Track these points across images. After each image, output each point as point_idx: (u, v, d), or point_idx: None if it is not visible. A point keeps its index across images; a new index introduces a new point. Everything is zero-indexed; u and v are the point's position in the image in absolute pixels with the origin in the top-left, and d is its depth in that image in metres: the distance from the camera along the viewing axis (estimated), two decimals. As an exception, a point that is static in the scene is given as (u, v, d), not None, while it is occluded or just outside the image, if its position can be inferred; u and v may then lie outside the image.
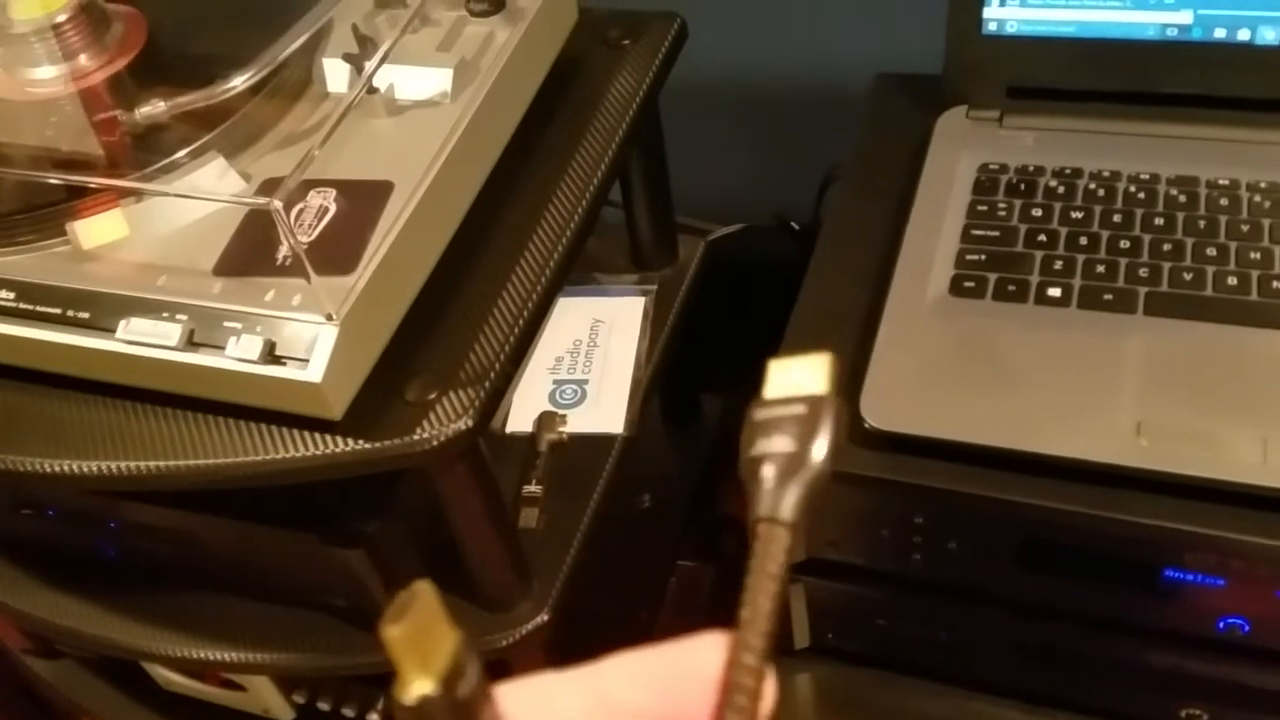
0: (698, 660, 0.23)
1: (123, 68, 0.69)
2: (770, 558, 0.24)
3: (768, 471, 0.24)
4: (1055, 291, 0.65)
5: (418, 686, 0.19)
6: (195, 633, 0.76)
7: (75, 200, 0.63)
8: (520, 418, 0.87)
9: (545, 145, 0.73)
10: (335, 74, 0.69)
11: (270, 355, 0.58)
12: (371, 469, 0.61)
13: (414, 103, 0.68)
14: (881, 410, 0.61)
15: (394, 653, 0.19)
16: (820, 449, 0.24)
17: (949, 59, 0.74)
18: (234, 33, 0.71)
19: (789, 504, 0.24)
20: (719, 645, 0.23)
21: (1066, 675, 0.70)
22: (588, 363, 0.89)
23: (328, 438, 0.60)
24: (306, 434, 0.60)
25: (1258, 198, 0.67)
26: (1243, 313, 0.63)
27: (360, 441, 0.60)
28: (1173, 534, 0.58)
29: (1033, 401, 0.61)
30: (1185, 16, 0.70)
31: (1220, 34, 0.70)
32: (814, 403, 0.25)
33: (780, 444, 0.24)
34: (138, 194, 0.64)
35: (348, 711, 0.89)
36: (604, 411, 0.86)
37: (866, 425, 0.61)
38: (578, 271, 0.78)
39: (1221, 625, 0.62)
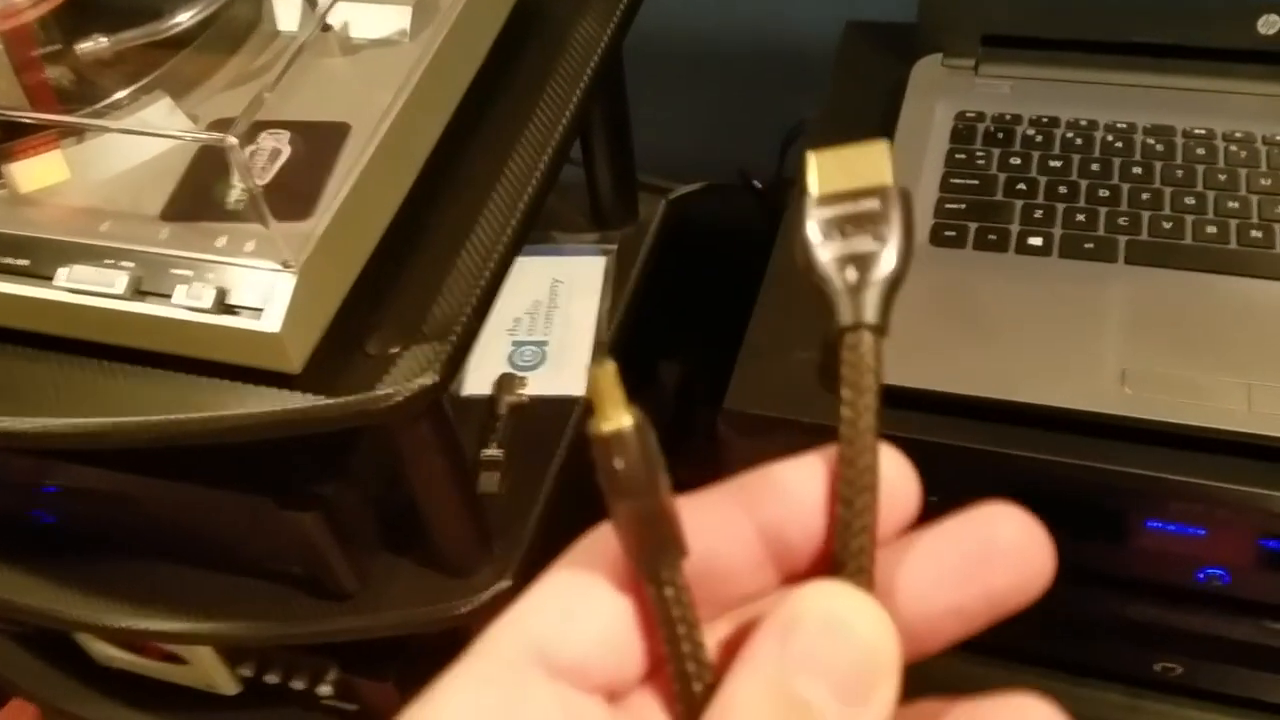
0: (793, 486, 0.23)
1: (62, 2, 0.65)
2: (863, 366, 0.23)
3: (844, 275, 0.23)
4: (1036, 240, 0.63)
5: (623, 419, 0.21)
6: (135, 602, 0.72)
7: (12, 141, 0.59)
8: (477, 380, 0.84)
9: (508, 91, 0.70)
10: (287, 10, 0.66)
11: (223, 304, 0.55)
12: (332, 425, 0.58)
13: (370, 41, 0.65)
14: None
15: (601, 387, 0.22)
16: (896, 244, 0.23)
17: (923, 6, 0.73)
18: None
19: (872, 306, 0.23)
20: (814, 469, 0.23)
21: (1040, 629, 0.69)
22: (547, 324, 0.87)
23: (285, 392, 0.57)
24: (263, 388, 0.57)
25: (1233, 147, 0.67)
26: (1223, 261, 0.62)
27: (320, 396, 0.57)
28: (1157, 483, 0.57)
29: (1016, 351, 0.59)
30: (1160, -35, 0.69)
31: (1195, -17, 0.69)
32: (879, 194, 0.23)
33: (850, 244, 0.23)
34: (79, 133, 0.60)
35: (297, 684, 0.86)
36: (565, 373, 0.84)
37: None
38: (535, 230, 0.76)
39: (1201, 576, 0.62)
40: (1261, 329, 0.59)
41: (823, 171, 0.24)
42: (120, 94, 0.62)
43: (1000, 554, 0.23)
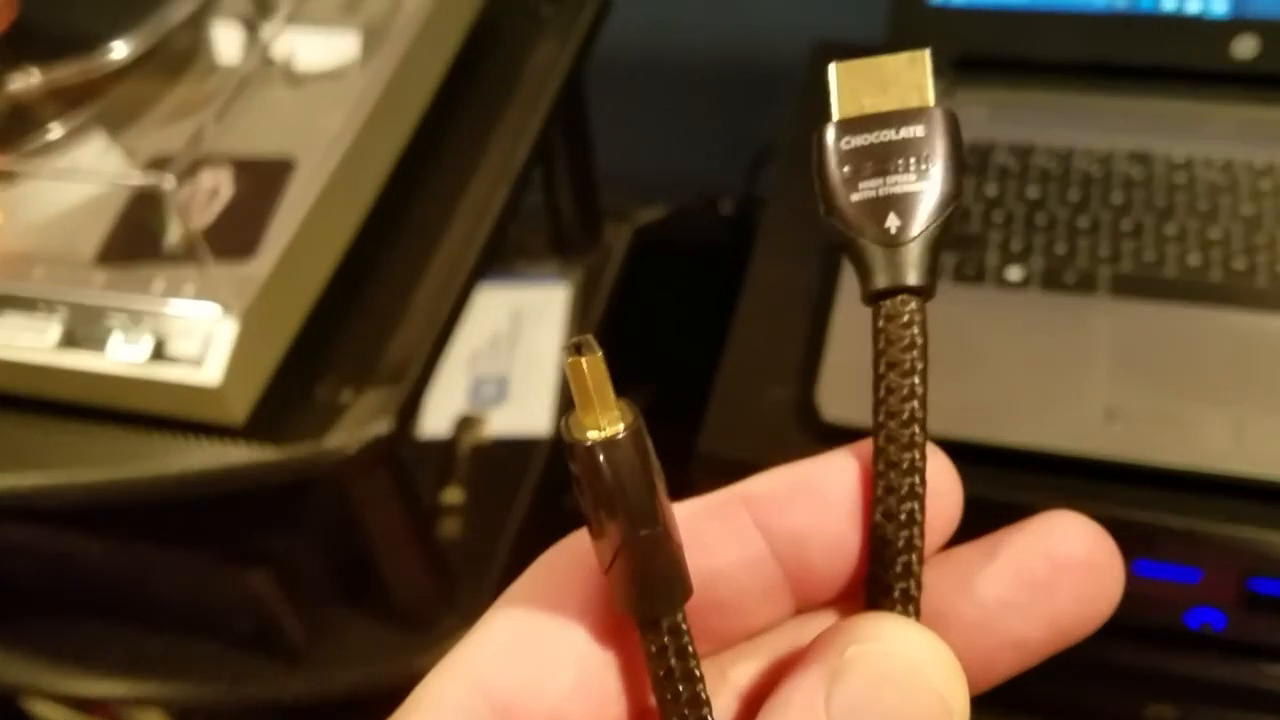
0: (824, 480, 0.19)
1: (-11, 35, 0.62)
2: (906, 341, 0.18)
3: (878, 223, 0.18)
4: (1015, 274, 0.61)
5: (615, 422, 0.17)
6: (75, 664, 0.68)
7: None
8: (435, 418, 0.81)
9: (464, 119, 0.67)
10: (229, 40, 0.62)
11: (160, 355, 0.52)
12: (279, 479, 0.55)
13: (317, 72, 0.61)
14: (839, 402, 0.57)
15: (587, 381, 0.17)
16: (943, 182, 0.18)
17: (893, 29, 0.70)
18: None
19: (914, 263, 0.18)
20: (845, 471, 0.19)
21: (1029, 672, 0.66)
22: (508, 357, 0.84)
23: (228, 445, 0.54)
24: (204, 441, 0.54)
25: (1213, 175, 0.64)
26: (1207, 293, 0.60)
27: (265, 449, 0.54)
28: (1146, 524, 0.55)
29: (998, 389, 0.57)
30: (1134, -14, 0.67)
31: (1169, 5, 0.67)
32: (919, 118, 0.19)
33: (885, 183, 0.18)
34: (10, 177, 0.57)
35: (250, 745, 0.82)
36: (528, 409, 0.81)
37: (824, 419, 0.56)
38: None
39: (1194, 619, 0.60)
40: (1248, 362, 0.57)
41: (846, 88, 0.19)
42: (55, 132, 0.59)
43: (1066, 571, 0.19)
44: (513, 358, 0.84)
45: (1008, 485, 0.56)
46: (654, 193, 0.93)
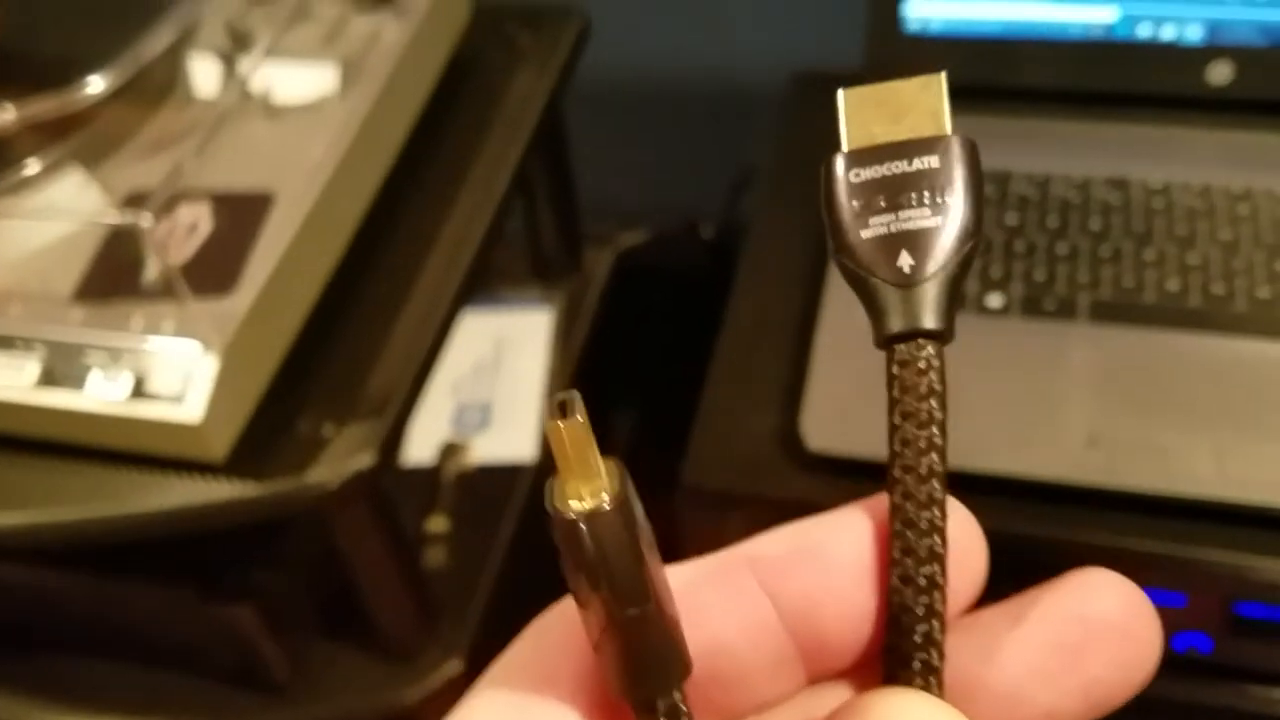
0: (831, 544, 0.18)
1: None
2: (922, 389, 0.17)
3: (891, 262, 0.17)
4: (995, 301, 0.61)
5: (600, 491, 0.15)
6: (61, 701, 0.68)
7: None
8: (418, 445, 0.80)
9: (443, 150, 0.67)
10: (208, 74, 0.62)
11: (139, 392, 0.52)
12: (261, 516, 0.55)
13: (296, 105, 0.61)
14: (822, 431, 0.57)
15: (569, 446, 0.15)
16: (962, 216, 0.17)
17: (869, 58, 0.70)
18: (94, 30, 0.63)
19: (931, 305, 0.17)
20: (858, 529, 0.18)
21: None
22: (491, 383, 0.84)
23: (209, 482, 0.53)
24: (185, 478, 0.53)
25: (1191, 200, 0.65)
26: (1186, 319, 0.60)
27: (247, 484, 0.54)
28: (1128, 551, 0.55)
29: (979, 416, 0.57)
30: (1109, 14, 0.68)
31: (1144, 32, 0.68)
32: (935, 148, 0.18)
33: (899, 218, 0.17)
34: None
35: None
36: (512, 435, 0.80)
37: (808, 448, 0.56)
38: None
39: (1180, 643, 0.60)
40: (1228, 387, 0.58)
41: (856, 116, 0.18)
42: (31, 168, 0.59)
43: (1100, 635, 0.18)
44: (496, 383, 0.84)
45: (989, 514, 0.55)
46: (635, 217, 0.94)
